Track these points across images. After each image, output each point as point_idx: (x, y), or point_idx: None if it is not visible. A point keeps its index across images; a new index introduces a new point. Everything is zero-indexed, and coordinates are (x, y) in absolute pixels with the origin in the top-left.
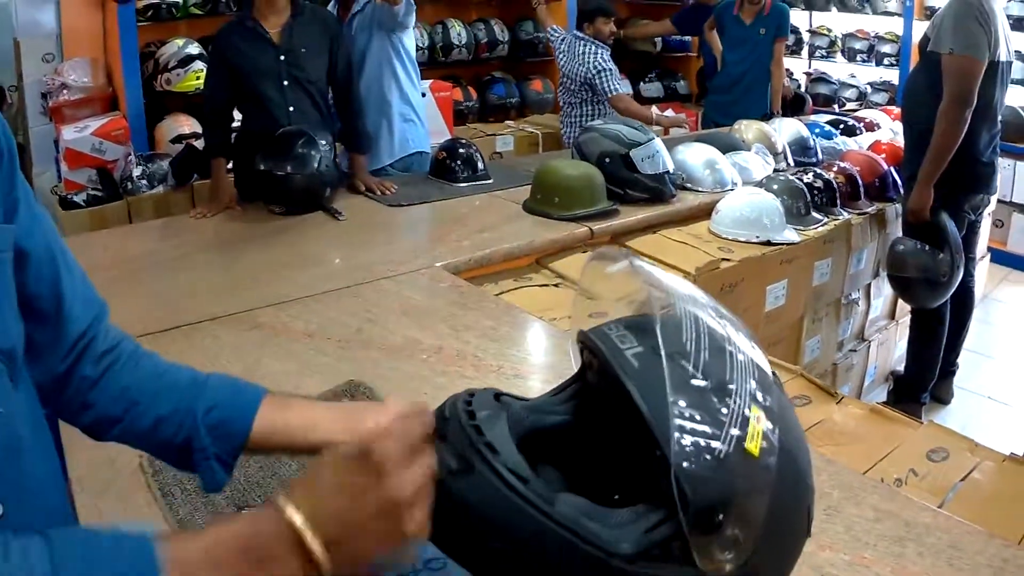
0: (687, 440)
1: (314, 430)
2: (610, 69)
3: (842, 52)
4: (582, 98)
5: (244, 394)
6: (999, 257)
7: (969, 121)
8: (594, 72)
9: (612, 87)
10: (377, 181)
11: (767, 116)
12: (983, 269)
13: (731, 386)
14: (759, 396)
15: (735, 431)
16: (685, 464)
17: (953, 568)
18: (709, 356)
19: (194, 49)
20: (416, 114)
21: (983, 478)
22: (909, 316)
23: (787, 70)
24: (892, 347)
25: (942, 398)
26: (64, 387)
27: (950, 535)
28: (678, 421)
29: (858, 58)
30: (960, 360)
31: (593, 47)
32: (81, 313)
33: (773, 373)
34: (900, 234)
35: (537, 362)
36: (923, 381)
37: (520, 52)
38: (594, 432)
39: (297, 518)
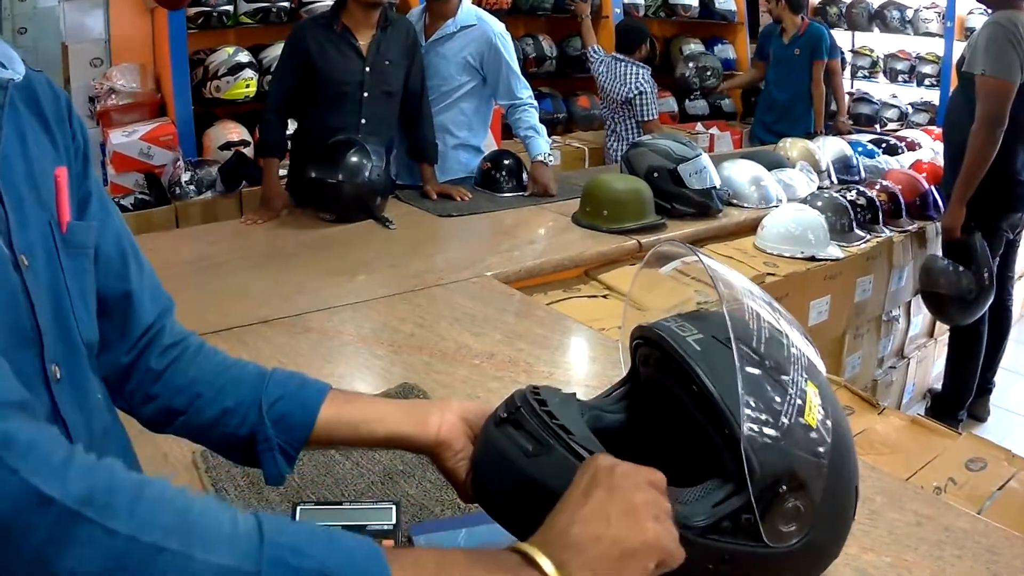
0: (754, 415)
1: (380, 423)
2: (649, 92)
3: (884, 72)
4: (624, 115)
5: (309, 387)
6: None
7: (1002, 141)
8: (635, 93)
9: (649, 112)
10: (452, 188)
11: (810, 136)
12: (1021, 289)
13: (789, 366)
14: (814, 373)
15: (796, 403)
16: (753, 437)
17: (990, 572)
18: (767, 342)
19: (244, 58)
20: (481, 147)
21: (1020, 487)
22: (948, 334)
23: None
24: (930, 365)
25: (978, 416)
26: (128, 379)
27: (988, 540)
28: (746, 397)
29: (899, 78)
30: (997, 378)
31: (634, 67)
32: (149, 306)
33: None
34: (940, 252)
35: (587, 370)
36: (960, 399)
37: (568, 68)
38: (647, 430)
39: (531, 549)
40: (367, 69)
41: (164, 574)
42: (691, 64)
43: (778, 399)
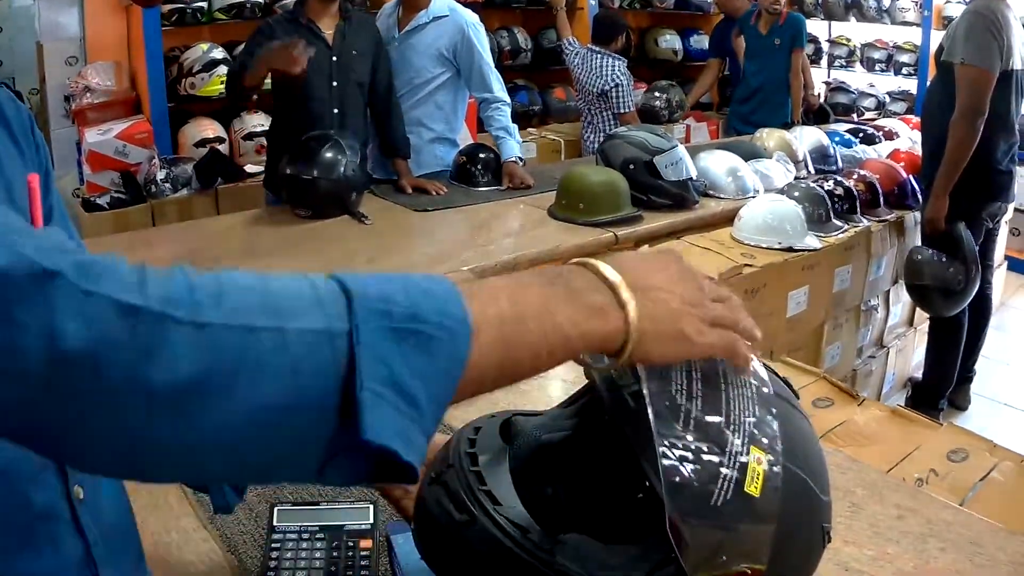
0: (682, 489)
1: None
2: (625, 84)
3: (861, 62)
4: (600, 107)
5: None
6: (1016, 265)
7: (982, 130)
8: (611, 85)
9: (625, 104)
10: (427, 182)
11: (787, 126)
12: (1000, 277)
13: (727, 428)
14: (759, 432)
15: (734, 472)
16: (681, 511)
17: (974, 564)
18: (703, 394)
19: (219, 54)
20: (456, 139)
21: (1002, 478)
22: (928, 323)
23: (811, 83)
24: (911, 354)
25: (959, 404)
26: None
27: (971, 532)
28: (672, 468)
29: (877, 68)
30: (977, 367)
31: (610, 60)
32: None
33: (785, 382)
34: (919, 243)
35: (565, 365)
36: (941, 387)
37: (543, 60)
38: (604, 443)
39: (602, 266)
40: (334, 58)
41: (260, 354)
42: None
43: (712, 469)
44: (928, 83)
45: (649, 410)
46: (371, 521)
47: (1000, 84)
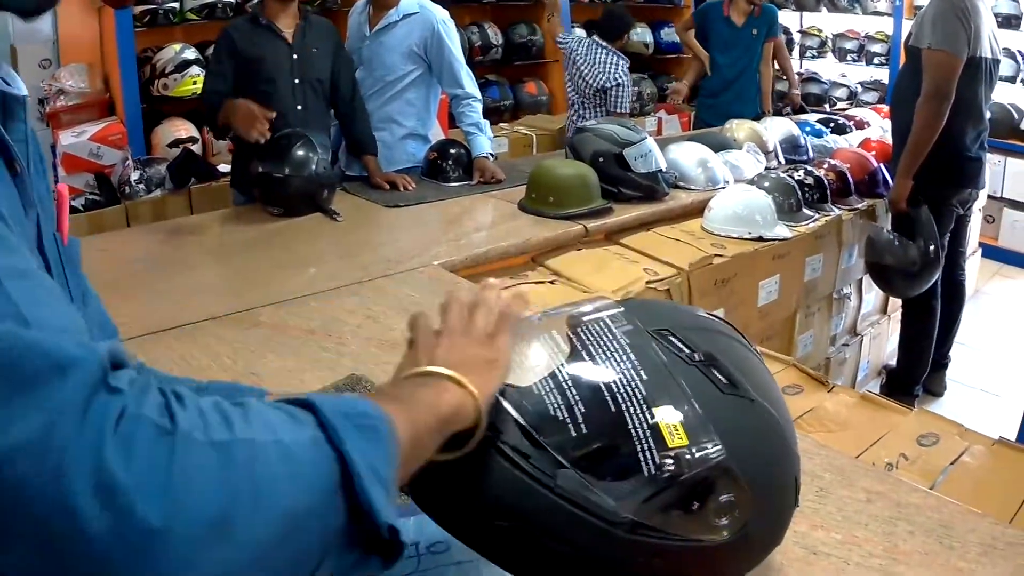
0: (622, 483)
1: None
2: (625, 84)
3: (833, 52)
4: (595, 102)
5: (244, 395)
6: (991, 252)
7: (947, 115)
8: (613, 84)
9: (622, 105)
10: (397, 176)
11: (758, 117)
12: (975, 264)
13: (619, 409)
14: (650, 390)
15: (649, 443)
16: (633, 502)
17: (943, 546)
18: (582, 399)
19: (191, 54)
20: (428, 135)
21: (973, 461)
22: (900, 311)
23: (794, 81)
24: (885, 341)
25: (935, 391)
26: None
27: (940, 515)
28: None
29: (848, 58)
30: (953, 353)
31: (614, 57)
32: (98, 337)
33: (727, 335)
34: (890, 226)
35: None
36: (914, 374)
37: (514, 55)
38: None
39: (442, 370)
40: (295, 56)
41: (271, 465)
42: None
43: (633, 462)
44: (899, 70)
45: (533, 456)
46: None
47: (967, 71)
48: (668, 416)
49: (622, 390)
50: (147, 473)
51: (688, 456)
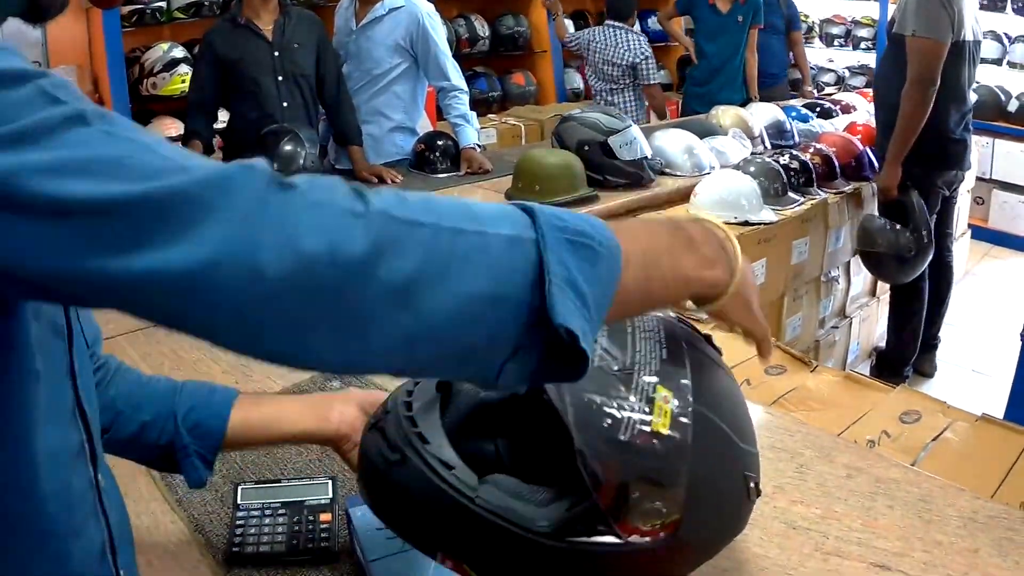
0: (589, 422)
1: (285, 422)
2: (651, 56)
3: (820, 37)
4: (624, 84)
5: (218, 395)
6: (980, 234)
7: (934, 100)
8: (641, 58)
9: (652, 75)
10: (383, 169)
11: (745, 103)
12: (964, 245)
13: (633, 368)
14: (668, 375)
15: (640, 410)
16: (589, 446)
17: (922, 520)
18: (609, 341)
19: (179, 53)
20: (416, 128)
21: (955, 438)
22: (889, 293)
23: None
24: (874, 324)
25: (925, 371)
26: None
27: (920, 489)
28: (578, 403)
29: (836, 43)
30: (943, 334)
31: (634, 35)
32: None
33: (708, 339)
34: (876, 212)
35: None
36: (904, 355)
37: (501, 47)
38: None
39: (715, 226)
40: (276, 53)
41: (467, 251)
42: None
43: (619, 405)
44: (882, 56)
45: None
46: (330, 496)
47: (951, 55)
48: (664, 399)
49: (643, 342)
50: (341, 235)
51: (661, 442)
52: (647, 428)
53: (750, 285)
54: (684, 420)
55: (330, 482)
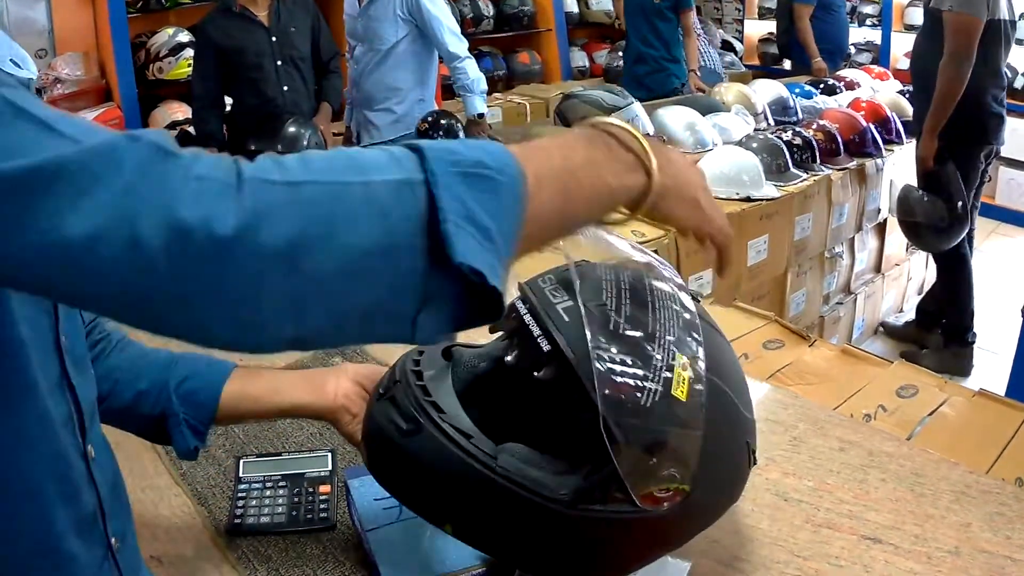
0: (614, 389)
1: (280, 395)
2: None
3: None
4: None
5: (215, 366)
6: (988, 211)
7: (970, 75)
8: None
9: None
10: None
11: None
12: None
13: (654, 337)
14: (683, 343)
15: (661, 377)
16: (614, 413)
17: (915, 493)
18: (631, 308)
19: (184, 37)
20: (427, 98)
21: (952, 412)
22: (907, 268)
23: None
24: (879, 300)
25: (928, 345)
26: None
27: (913, 463)
28: (605, 371)
29: None
30: None
31: None
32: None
33: (709, 324)
34: (916, 183)
35: None
36: (964, 321)
37: (505, 25)
38: (538, 366)
39: (629, 128)
40: (273, 39)
41: (351, 204)
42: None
43: (642, 370)
44: (918, 32)
45: (584, 320)
46: (329, 468)
47: (986, 32)
48: (682, 367)
49: (663, 312)
50: (216, 208)
51: (683, 408)
52: (668, 396)
53: (691, 183)
54: (699, 387)
55: (330, 454)
